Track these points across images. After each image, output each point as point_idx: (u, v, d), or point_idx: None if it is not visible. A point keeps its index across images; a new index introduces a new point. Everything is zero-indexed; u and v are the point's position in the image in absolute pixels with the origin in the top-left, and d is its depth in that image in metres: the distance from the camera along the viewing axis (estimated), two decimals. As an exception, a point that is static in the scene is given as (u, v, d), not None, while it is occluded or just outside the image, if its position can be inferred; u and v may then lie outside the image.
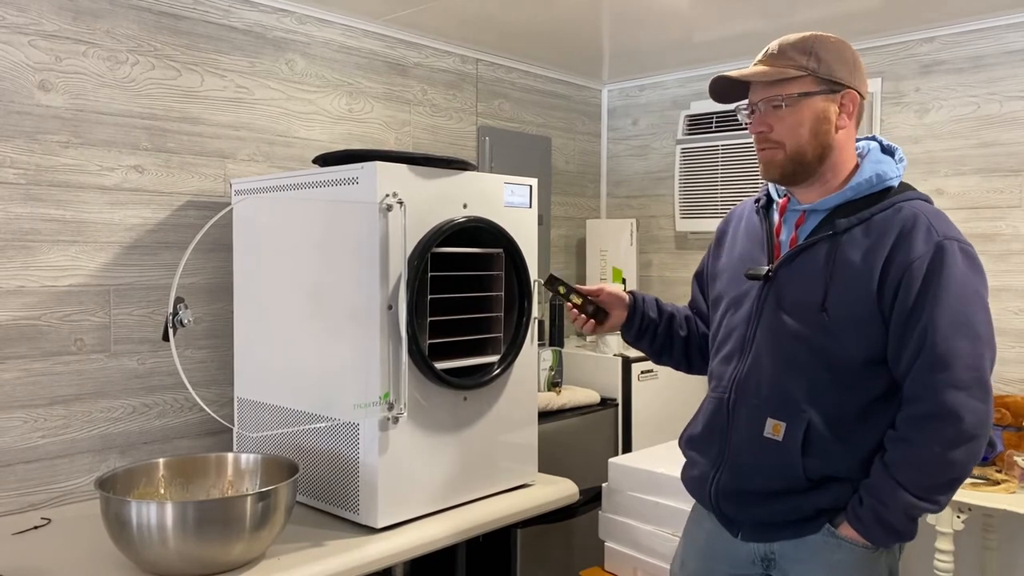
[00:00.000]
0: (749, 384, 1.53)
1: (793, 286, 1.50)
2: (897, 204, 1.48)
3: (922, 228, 1.43)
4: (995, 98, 2.84)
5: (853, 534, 1.44)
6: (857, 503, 1.43)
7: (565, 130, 3.71)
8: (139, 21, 2.29)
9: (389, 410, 1.92)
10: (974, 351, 1.38)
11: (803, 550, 1.49)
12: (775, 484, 1.49)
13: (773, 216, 1.61)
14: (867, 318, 1.43)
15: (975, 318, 1.40)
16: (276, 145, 2.62)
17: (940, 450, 1.37)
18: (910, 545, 1.52)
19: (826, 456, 1.45)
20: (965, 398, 1.36)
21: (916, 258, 1.40)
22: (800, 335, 1.47)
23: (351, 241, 1.94)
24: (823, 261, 1.47)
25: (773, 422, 1.48)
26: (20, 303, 2.10)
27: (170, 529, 1.62)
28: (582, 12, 2.79)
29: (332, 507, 2.05)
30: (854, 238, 1.46)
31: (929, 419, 1.38)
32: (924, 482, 1.39)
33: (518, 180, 2.24)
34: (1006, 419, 2.67)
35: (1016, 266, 2.80)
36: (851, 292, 1.43)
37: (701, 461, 1.62)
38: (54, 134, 2.15)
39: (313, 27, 2.71)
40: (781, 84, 1.49)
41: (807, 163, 1.50)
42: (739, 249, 1.65)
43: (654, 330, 1.78)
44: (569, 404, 2.98)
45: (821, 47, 1.49)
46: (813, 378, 1.46)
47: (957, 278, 1.39)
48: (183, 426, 2.41)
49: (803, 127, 1.48)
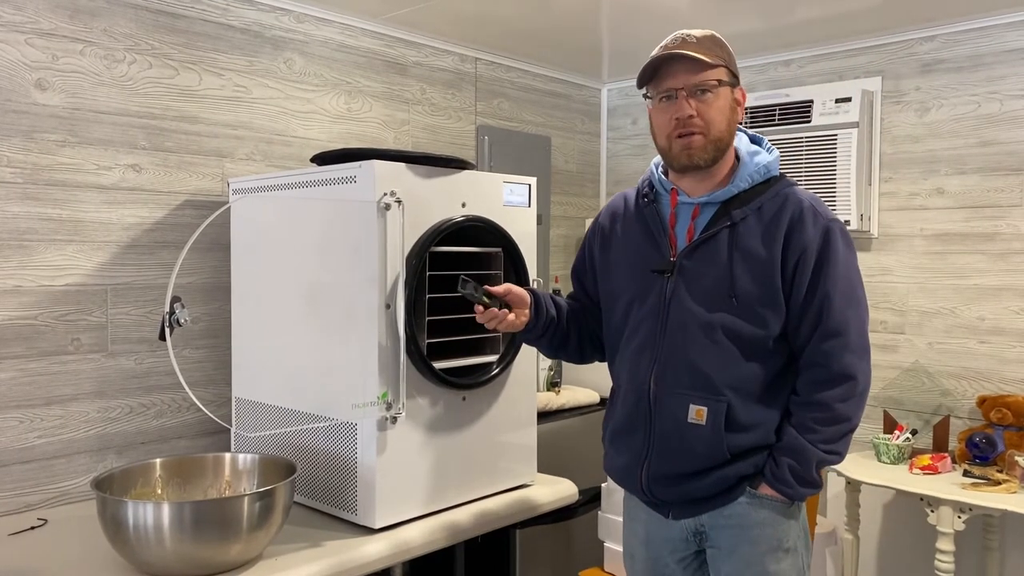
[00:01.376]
0: (667, 374, 1.62)
1: (699, 276, 1.60)
2: (782, 192, 1.60)
3: (809, 214, 1.57)
4: (995, 97, 2.83)
5: (772, 492, 1.58)
6: (774, 464, 1.58)
7: (565, 129, 3.70)
8: (136, 20, 2.29)
9: (387, 410, 1.91)
10: (861, 319, 1.57)
11: (729, 517, 1.61)
12: (702, 463, 1.60)
13: (664, 209, 1.69)
14: (771, 299, 1.56)
15: (858, 290, 1.59)
16: (274, 144, 2.61)
17: (839, 407, 1.54)
18: (910, 545, 1.56)
19: (745, 431, 1.58)
20: (857, 360, 1.55)
21: (809, 241, 1.55)
22: (712, 322, 1.58)
23: (349, 240, 1.93)
24: (726, 250, 1.58)
25: (695, 407, 1.59)
26: (17, 303, 2.09)
27: (167, 529, 1.61)
28: (581, 11, 2.79)
29: (330, 507, 2.04)
30: (749, 226, 1.58)
31: (830, 381, 1.55)
32: (829, 435, 1.55)
33: (517, 179, 2.23)
34: (1007, 419, 2.66)
35: (1016, 266, 2.80)
36: (755, 276, 1.56)
37: (626, 451, 1.69)
38: (51, 133, 2.14)
39: (311, 26, 2.70)
40: (707, 71, 1.57)
41: (722, 149, 1.61)
42: (633, 243, 1.71)
43: (554, 328, 1.81)
44: (568, 404, 2.97)
45: (722, 43, 1.62)
46: (728, 361, 1.58)
47: (842, 255, 1.56)
48: (180, 426, 2.40)
49: (723, 114, 1.59)
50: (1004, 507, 2.37)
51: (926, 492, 2.50)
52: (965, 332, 2.89)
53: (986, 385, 2.85)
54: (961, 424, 2.87)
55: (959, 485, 2.51)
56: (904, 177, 3.04)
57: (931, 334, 2.97)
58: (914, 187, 3.01)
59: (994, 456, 2.65)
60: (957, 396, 2.91)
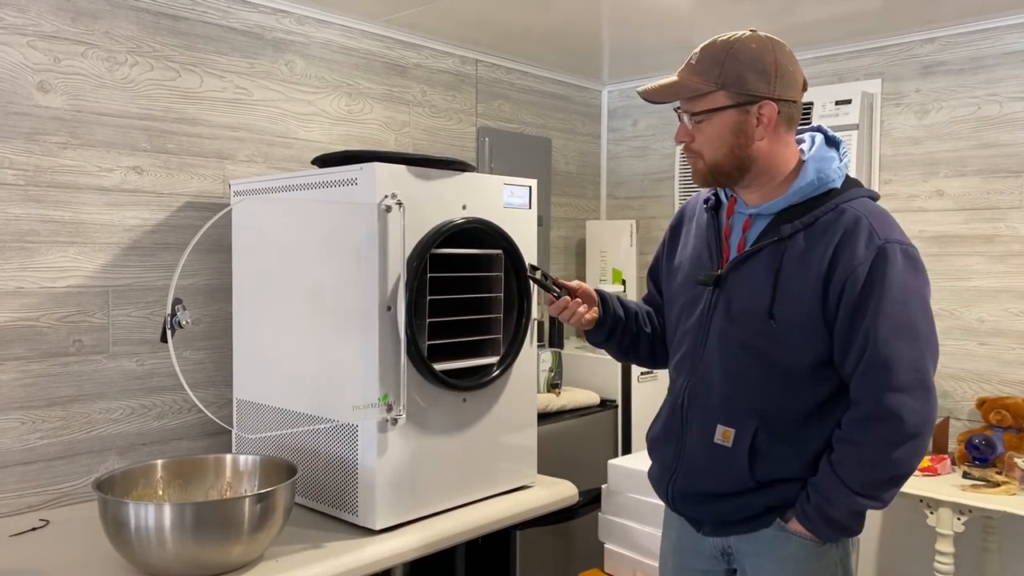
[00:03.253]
0: (700, 391, 1.56)
1: (741, 293, 1.51)
2: (840, 207, 1.46)
3: (864, 232, 1.42)
4: (995, 99, 2.83)
5: (801, 529, 1.48)
6: (804, 499, 1.47)
7: (565, 131, 3.71)
8: (138, 22, 2.29)
9: (388, 412, 1.91)
10: (915, 353, 1.40)
11: (756, 544, 1.54)
12: (727, 486, 1.53)
13: (722, 217, 1.61)
14: (812, 323, 1.44)
15: (916, 320, 1.41)
16: (275, 146, 2.61)
17: (882, 449, 1.40)
18: (909, 547, 1.53)
19: (773, 460, 1.49)
20: (906, 399, 1.39)
21: (858, 263, 1.41)
22: (748, 343, 1.49)
23: (350, 242, 1.93)
24: (769, 268, 1.48)
25: (723, 428, 1.52)
26: (19, 304, 2.10)
27: (168, 531, 1.62)
28: (582, 13, 2.79)
29: (331, 509, 2.04)
30: (798, 243, 1.46)
31: (871, 420, 1.41)
32: (867, 479, 1.42)
33: (517, 181, 2.24)
34: (1006, 421, 2.66)
35: (1016, 267, 2.80)
36: (797, 298, 1.45)
37: (660, 462, 1.66)
38: (53, 135, 2.14)
39: (312, 28, 2.71)
40: (698, 99, 1.49)
41: (726, 173, 1.51)
42: (691, 249, 1.66)
43: (622, 329, 1.77)
44: (569, 405, 2.98)
45: (735, 58, 1.46)
46: (761, 385, 1.49)
47: (898, 281, 1.40)
48: (182, 427, 2.40)
49: (718, 140, 1.48)
50: (1003, 509, 2.38)
51: (925, 494, 2.51)
52: (964, 334, 2.90)
53: (985, 387, 2.85)
54: (960, 426, 2.87)
55: (958, 487, 2.51)
56: (904, 179, 3.04)
57: (931, 336, 2.96)
58: (914, 189, 3.02)
59: (993, 458, 2.65)
60: (956, 398, 2.91)
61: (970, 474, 2.59)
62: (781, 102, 1.47)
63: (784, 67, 1.48)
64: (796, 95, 1.50)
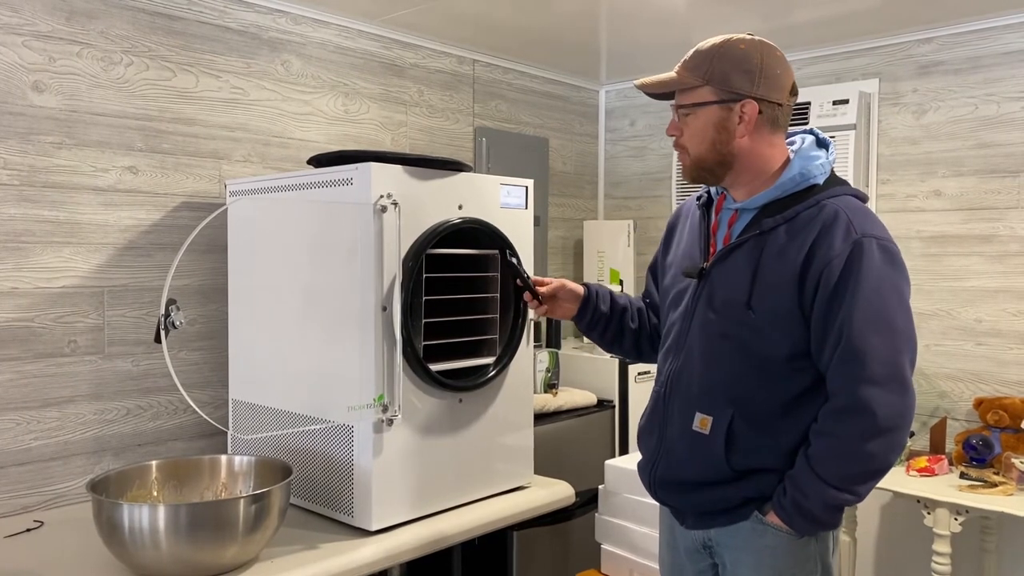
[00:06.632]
0: (681, 380, 1.60)
1: (723, 284, 1.56)
2: (821, 202, 1.50)
3: (841, 226, 1.45)
4: (993, 99, 2.83)
5: (778, 522, 1.50)
6: (781, 492, 1.49)
7: (562, 131, 3.70)
8: (133, 22, 2.28)
9: (383, 412, 1.91)
10: (889, 346, 1.42)
11: (735, 536, 1.56)
12: (705, 475, 1.56)
13: (711, 213, 1.66)
14: (789, 315, 1.48)
15: (891, 313, 1.43)
16: (271, 146, 2.61)
17: (856, 442, 1.42)
18: (907, 547, 1.53)
19: (749, 449, 1.51)
20: (879, 392, 1.40)
21: (834, 256, 1.44)
22: (727, 333, 1.54)
23: (345, 242, 1.93)
24: (749, 260, 1.52)
25: (700, 416, 1.55)
26: (13, 304, 2.09)
27: (162, 532, 1.61)
28: (579, 13, 2.79)
29: (326, 509, 2.04)
30: (779, 237, 1.50)
31: (845, 412, 1.43)
32: (842, 473, 1.44)
33: (513, 181, 2.23)
34: (1004, 421, 2.66)
35: (1014, 267, 2.80)
36: (774, 290, 1.48)
37: (644, 451, 1.70)
38: (47, 135, 2.14)
39: (308, 28, 2.70)
40: (686, 93, 1.56)
41: (709, 169, 1.57)
42: (683, 246, 1.71)
43: (604, 323, 1.85)
44: (566, 406, 2.97)
45: (723, 56, 1.52)
46: (738, 374, 1.52)
47: (874, 274, 1.43)
48: (177, 428, 2.40)
49: (701, 135, 1.54)
50: (1001, 509, 2.37)
51: (923, 494, 2.50)
52: (962, 334, 2.89)
53: (983, 387, 2.85)
54: (958, 426, 2.87)
55: (956, 487, 2.51)
56: (901, 179, 3.04)
57: (928, 336, 2.97)
58: (911, 189, 3.01)
59: (991, 458, 2.65)
60: (954, 398, 2.91)
61: (967, 474, 2.59)
62: (764, 102, 1.52)
63: (770, 69, 1.52)
64: (781, 97, 1.54)
